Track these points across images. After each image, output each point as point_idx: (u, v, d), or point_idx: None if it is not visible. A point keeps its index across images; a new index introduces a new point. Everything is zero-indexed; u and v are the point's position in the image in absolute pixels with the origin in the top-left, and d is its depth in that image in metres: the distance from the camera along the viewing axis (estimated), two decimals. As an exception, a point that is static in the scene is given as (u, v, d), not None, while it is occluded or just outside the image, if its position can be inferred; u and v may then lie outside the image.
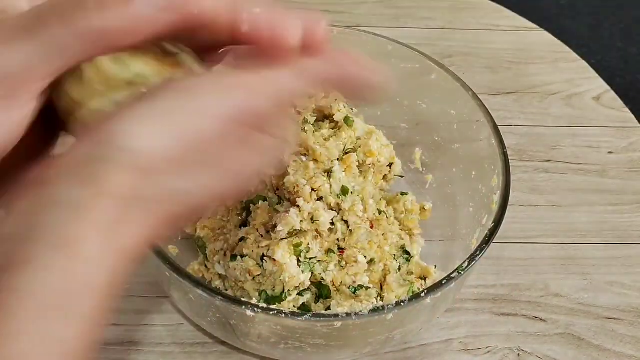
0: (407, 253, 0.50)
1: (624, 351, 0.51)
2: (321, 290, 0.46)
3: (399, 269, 0.49)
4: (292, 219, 0.44)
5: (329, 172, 0.46)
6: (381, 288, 0.48)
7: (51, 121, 0.26)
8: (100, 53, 0.24)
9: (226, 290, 0.48)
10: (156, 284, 0.50)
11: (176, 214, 0.24)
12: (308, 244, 0.45)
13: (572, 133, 0.68)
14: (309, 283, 0.46)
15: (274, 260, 0.44)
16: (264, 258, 0.45)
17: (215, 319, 0.41)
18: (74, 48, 0.24)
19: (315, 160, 0.47)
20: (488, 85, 0.72)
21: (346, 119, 0.50)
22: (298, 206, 0.44)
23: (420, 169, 0.57)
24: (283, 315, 0.36)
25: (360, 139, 0.50)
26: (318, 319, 0.37)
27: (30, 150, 0.26)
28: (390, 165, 0.51)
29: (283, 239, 0.44)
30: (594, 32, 0.94)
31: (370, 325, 0.40)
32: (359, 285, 0.46)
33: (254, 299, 0.45)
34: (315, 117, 0.50)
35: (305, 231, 0.45)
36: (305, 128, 0.49)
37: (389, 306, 0.37)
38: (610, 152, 0.66)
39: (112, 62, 0.25)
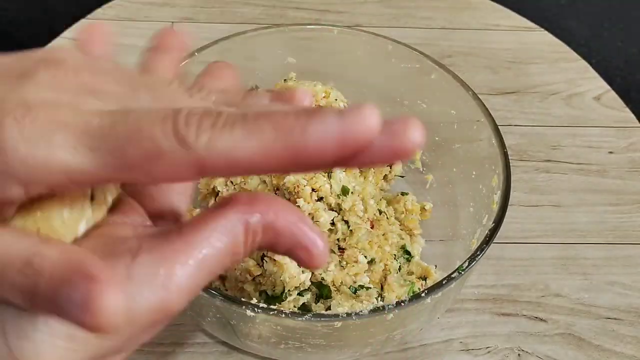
0: (408, 253, 0.50)
1: (624, 351, 0.51)
2: (321, 290, 0.46)
3: (400, 269, 0.49)
4: (292, 219, 0.44)
5: (329, 172, 0.46)
6: (381, 288, 0.48)
7: None
8: None
9: (226, 290, 0.48)
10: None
11: None
12: (308, 244, 0.45)
13: (572, 133, 0.68)
14: (309, 283, 0.45)
15: (274, 260, 0.44)
16: (264, 258, 0.45)
17: (215, 319, 0.41)
18: None
19: (316, 160, 0.47)
20: (488, 85, 0.72)
21: (346, 119, 0.50)
22: (298, 206, 0.44)
23: (421, 169, 0.57)
24: (283, 315, 0.36)
25: (360, 139, 0.50)
26: (318, 319, 0.37)
27: None
28: (390, 165, 0.51)
29: (283, 239, 0.44)
30: (594, 32, 0.94)
31: (370, 325, 0.39)
32: (359, 285, 0.46)
33: (254, 299, 0.45)
34: (316, 117, 0.50)
35: (305, 231, 0.45)
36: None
37: (389, 306, 0.37)
38: (610, 152, 0.66)
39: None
